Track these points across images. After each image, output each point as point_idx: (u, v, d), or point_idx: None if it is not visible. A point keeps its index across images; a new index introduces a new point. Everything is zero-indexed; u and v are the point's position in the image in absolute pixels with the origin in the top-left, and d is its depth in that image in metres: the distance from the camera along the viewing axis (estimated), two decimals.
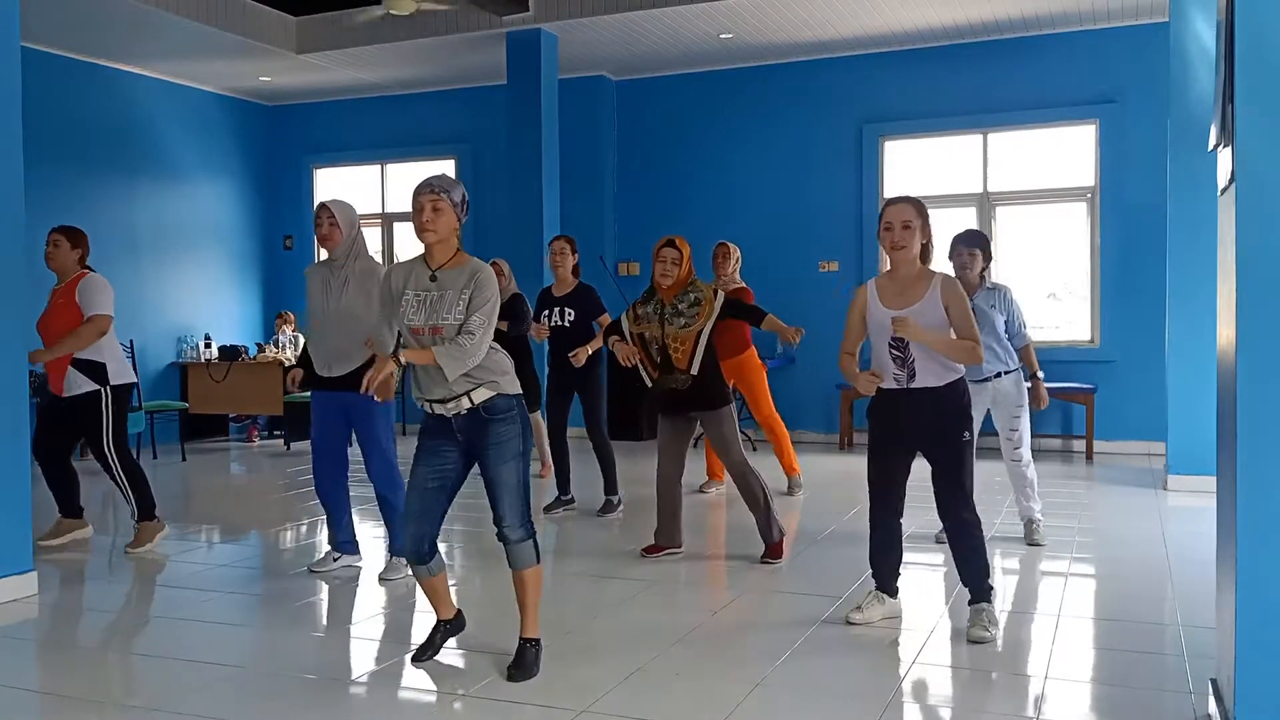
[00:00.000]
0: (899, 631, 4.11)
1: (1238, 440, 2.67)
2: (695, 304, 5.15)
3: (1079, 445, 8.96)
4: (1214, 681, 3.12)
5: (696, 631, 4.12)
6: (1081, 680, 3.65)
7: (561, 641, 4.00)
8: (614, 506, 6.53)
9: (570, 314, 6.44)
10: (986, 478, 7.09)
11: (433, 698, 3.49)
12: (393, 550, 5.03)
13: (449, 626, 3.88)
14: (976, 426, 5.61)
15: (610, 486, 6.55)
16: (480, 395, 3.54)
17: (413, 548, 3.64)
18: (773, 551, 5.22)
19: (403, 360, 3.47)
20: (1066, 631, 4.09)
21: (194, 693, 3.48)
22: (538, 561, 3.67)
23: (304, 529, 5.96)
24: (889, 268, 4.11)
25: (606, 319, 6.42)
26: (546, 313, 6.55)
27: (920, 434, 4.04)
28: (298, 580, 5.00)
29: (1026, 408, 5.54)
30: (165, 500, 7.76)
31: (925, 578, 5.07)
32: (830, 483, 7.56)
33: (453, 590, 3.99)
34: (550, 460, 7.87)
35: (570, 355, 6.26)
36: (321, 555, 5.26)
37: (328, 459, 5.00)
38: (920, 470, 4.08)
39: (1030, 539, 5.57)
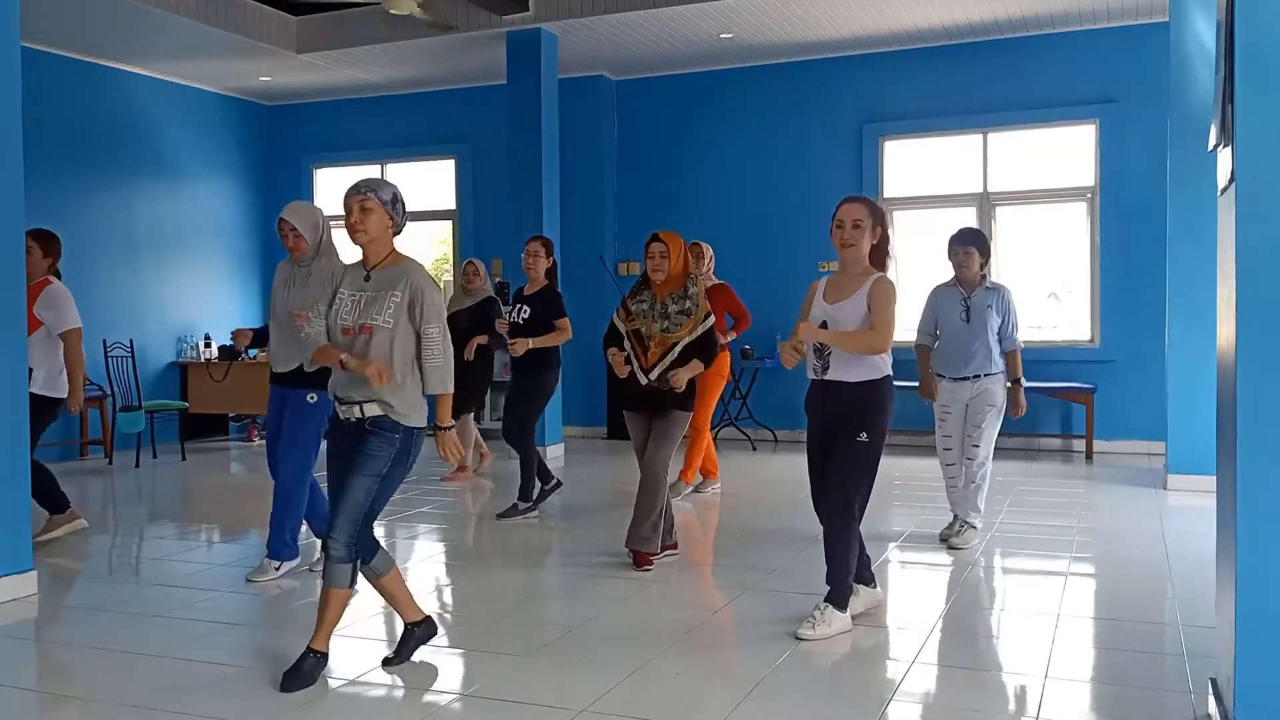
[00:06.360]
0: (899, 631, 4.11)
1: (1238, 440, 2.67)
2: (683, 313, 5.07)
3: (1079, 445, 8.95)
4: (1214, 681, 3.12)
5: (696, 631, 4.12)
6: (1081, 680, 3.65)
7: (561, 641, 4.00)
8: (518, 511, 6.36)
9: (526, 311, 6.37)
10: (997, 476, 7.07)
11: (432, 697, 3.49)
12: (270, 552, 5.02)
13: (418, 630, 3.81)
14: (957, 426, 5.54)
15: (524, 493, 6.42)
16: (371, 409, 3.55)
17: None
18: (642, 560, 5.07)
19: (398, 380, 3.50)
20: (1066, 631, 4.08)
21: (194, 693, 3.48)
22: (350, 586, 3.60)
23: (303, 528, 5.94)
24: (840, 265, 4.23)
25: (565, 323, 6.35)
26: (509, 309, 6.62)
27: (827, 424, 4.13)
28: (297, 580, 5.00)
29: (999, 411, 5.48)
30: (165, 500, 7.79)
31: (925, 577, 5.07)
32: None
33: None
34: (468, 463, 7.85)
35: (510, 342, 6.29)
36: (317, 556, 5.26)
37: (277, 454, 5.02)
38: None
39: (954, 536, 5.49)
